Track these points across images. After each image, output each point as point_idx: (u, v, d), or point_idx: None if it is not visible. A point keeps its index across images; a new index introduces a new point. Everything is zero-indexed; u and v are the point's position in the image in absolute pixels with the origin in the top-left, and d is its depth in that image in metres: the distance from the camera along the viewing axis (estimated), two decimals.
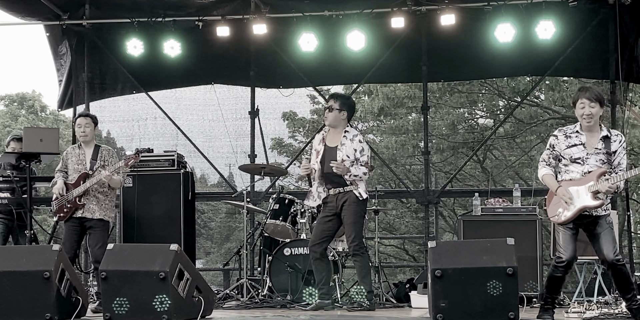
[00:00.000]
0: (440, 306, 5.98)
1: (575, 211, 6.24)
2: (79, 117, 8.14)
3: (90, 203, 7.83)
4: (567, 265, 6.27)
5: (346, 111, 7.73)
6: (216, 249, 23.82)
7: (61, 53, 11.05)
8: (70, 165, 7.98)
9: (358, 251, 7.58)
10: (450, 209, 18.55)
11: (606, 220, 6.29)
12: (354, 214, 7.58)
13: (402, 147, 18.05)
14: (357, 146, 7.63)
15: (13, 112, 28.50)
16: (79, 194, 7.80)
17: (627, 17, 9.74)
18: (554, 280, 6.36)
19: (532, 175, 14.50)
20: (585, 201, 6.22)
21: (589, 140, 6.28)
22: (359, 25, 9.84)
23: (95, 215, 7.84)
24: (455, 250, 6.22)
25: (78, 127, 8.00)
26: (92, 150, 7.99)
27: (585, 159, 6.26)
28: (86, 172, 7.84)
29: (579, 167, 6.27)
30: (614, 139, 6.28)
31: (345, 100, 7.80)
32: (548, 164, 6.43)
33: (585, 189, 6.22)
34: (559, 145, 6.36)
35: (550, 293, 6.40)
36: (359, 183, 7.60)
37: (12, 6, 10.33)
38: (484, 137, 16.21)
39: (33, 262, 6.40)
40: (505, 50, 10.02)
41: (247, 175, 10.53)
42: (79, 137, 8.04)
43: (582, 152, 6.27)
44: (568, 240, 6.27)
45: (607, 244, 6.20)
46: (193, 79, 11.36)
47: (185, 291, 6.41)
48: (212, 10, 10.30)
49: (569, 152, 6.30)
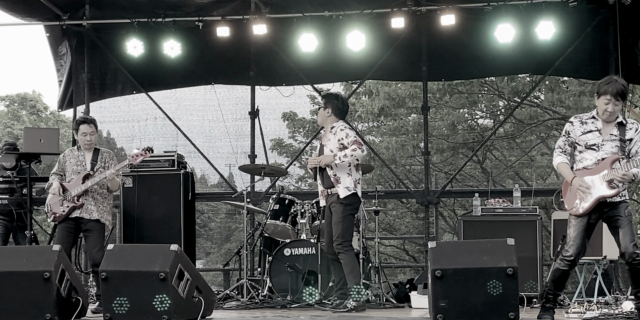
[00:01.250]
0: (441, 306, 5.98)
1: (593, 201, 6.16)
2: (82, 123, 7.94)
3: (89, 203, 7.80)
4: (574, 260, 6.21)
5: (330, 108, 7.70)
6: (216, 249, 23.84)
7: (61, 53, 11.05)
8: (68, 167, 7.92)
9: (341, 249, 7.52)
10: (450, 209, 18.56)
11: (625, 212, 6.18)
12: (337, 214, 7.55)
13: (402, 147, 18.06)
14: (340, 135, 7.58)
15: (14, 113, 28.52)
16: (78, 193, 7.76)
17: (627, 18, 9.73)
18: (558, 275, 6.31)
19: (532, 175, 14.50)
20: (601, 191, 6.14)
21: (605, 127, 6.21)
22: (359, 25, 9.84)
23: (93, 216, 7.79)
24: (456, 251, 6.22)
25: (83, 135, 7.87)
26: (92, 153, 7.96)
27: (601, 145, 6.19)
28: (88, 172, 7.83)
29: (594, 154, 6.20)
30: (630, 127, 6.20)
31: (329, 98, 7.81)
32: (563, 151, 6.34)
33: (599, 178, 6.15)
34: (575, 131, 6.28)
35: (553, 288, 6.35)
36: (341, 180, 7.53)
37: (12, 6, 10.32)
38: (484, 138, 16.23)
39: (33, 262, 6.40)
40: (505, 51, 10.02)
41: (247, 175, 10.53)
42: (83, 145, 7.93)
43: (597, 138, 6.20)
44: (579, 235, 6.21)
45: (626, 237, 6.10)
46: (193, 79, 11.35)
47: (186, 291, 6.41)
48: (212, 10, 10.30)
49: (584, 138, 6.23)
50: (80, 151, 7.97)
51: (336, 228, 7.56)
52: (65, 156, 8.02)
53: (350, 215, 7.61)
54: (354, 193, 7.57)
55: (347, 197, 7.53)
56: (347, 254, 7.55)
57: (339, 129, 7.62)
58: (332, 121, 7.73)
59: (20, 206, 9.18)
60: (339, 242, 7.53)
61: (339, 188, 7.54)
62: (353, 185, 7.56)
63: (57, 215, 7.79)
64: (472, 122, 18.99)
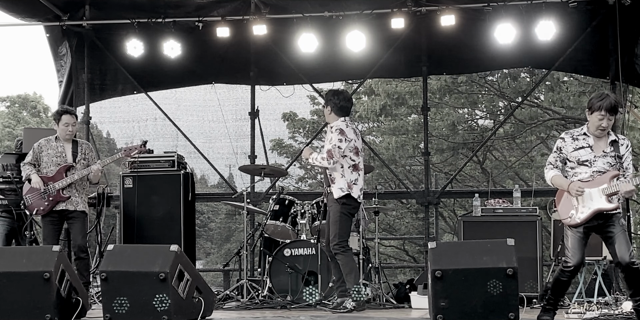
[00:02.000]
0: (441, 307, 5.98)
1: (590, 213, 6.16)
2: (64, 113, 8.01)
3: (73, 195, 7.83)
4: (574, 270, 6.21)
5: (329, 106, 7.67)
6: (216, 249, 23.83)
7: (61, 54, 11.05)
8: (46, 157, 7.91)
9: (338, 250, 7.50)
10: (450, 209, 18.54)
11: (619, 222, 6.21)
12: (333, 213, 7.56)
13: (402, 147, 18.04)
14: (329, 136, 7.60)
15: (15, 114, 28.53)
16: (63, 186, 7.75)
17: (627, 18, 9.73)
18: (559, 284, 6.31)
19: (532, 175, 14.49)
20: (600, 204, 6.13)
21: (596, 143, 6.23)
22: (359, 26, 9.84)
23: (79, 208, 7.89)
24: (456, 251, 6.22)
25: (65, 125, 7.92)
26: (70, 144, 7.96)
27: (593, 162, 6.20)
28: (70, 164, 7.80)
29: (587, 169, 6.21)
30: (622, 143, 6.23)
31: (328, 96, 7.80)
32: (555, 166, 6.35)
33: (598, 191, 6.14)
34: (566, 147, 6.29)
35: (554, 295, 6.37)
36: (336, 181, 7.53)
37: (12, 7, 10.32)
38: (484, 138, 16.21)
39: (33, 263, 6.41)
40: (506, 51, 10.02)
41: (247, 176, 10.53)
42: (64, 135, 7.96)
43: (589, 155, 6.21)
44: (577, 245, 6.19)
45: (622, 247, 6.10)
46: (193, 80, 11.36)
47: (186, 292, 6.41)
48: (212, 10, 10.30)
49: (576, 155, 6.24)
50: (59, 142, 7.94)
51: (332, 228, 7.55)
52: (40, 146, 7.98)
53: (345, 215, 7.55)
54: (347, 194, 7.52)
55: (342, 197, 7.51)
56: (343, 255, 7.52)
57: (334, 130, 7.61)
58: (333, 119, 7.71)
59: (20, 206, 9.17)
60: (335, 243, 7.50)
61: (333, 188, 7.54)
62: (347, 186, 7.52)
63: (41, 208, 7.80)
64: (472, 122, 18.98)
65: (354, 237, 8.47)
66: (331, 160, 7.49)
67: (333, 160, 7.50)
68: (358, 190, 7.60)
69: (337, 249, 7.51)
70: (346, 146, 7.53)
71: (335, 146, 7.49)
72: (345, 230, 7.58)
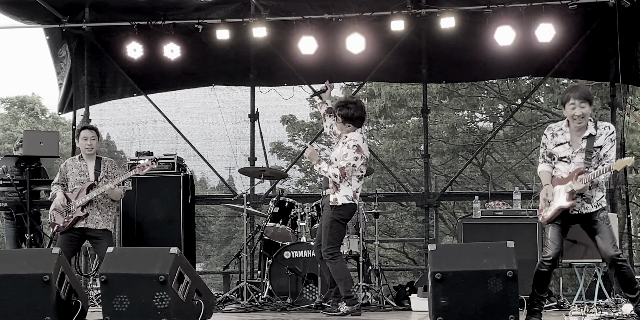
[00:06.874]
0: (441, 309, 5.97)
1: (554, 211, 6.22)
2: (83, 129, 8.00)
3: (94, 213, 7.82)
4: (553, 261, 6.22)
5: (339, 117, 7.48)
6: (216, 252, 23.85)
7: (61, 56, 11.06)
8: (71, 177, 7.93)
9: (327, 257, 7.36)
10: (450, 212, 18.56)
11: (600, 217, 6.19)
12: (326, 218, 7.42)
13: (402, 150, 18.05)
14: (345, 151, 7.36)
15: (13, 115, 28.54)
16: (82, 203, 7.77)
17: (627, 21, 9.73)
18: (539, 276, 6.31)
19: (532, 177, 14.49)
20: (560, 201, 6.19)
21: (574, 138, 6.22)
22: (358, 28, 9.84)
23: (100, 226, 7.83)
24: (456, 253, 6.21)
25: (84, 139, 7.90)
26: (94, 162, 7.96)
27: (572, 157, 6.20)
28: (92, 183, 7.83)
29: (566, 166, 6.23)
30: (600, 133, 6.16)
31: (335, 107, 7.56)
32: (544, 160, 6.40)
33: (564, 188, 6.19)
34: (548, 144, 6.34)
35: (537, 291, 6.34)
36: (341, 188, 7.38)
37: (12, 9, 10.33)
38: (483, 140, 16.22)
39: (33, 265, 6.39)
40: (505, 53, 10.02)
41: (247, 178, 10.53)
42: (83, 150, 7.95)
43: (567, 151, 6.22)
44: (555, 236, 6.25)
45: (605, 240, 6.12)
46: (193, 82, 11.36)
47: (185, 294, 6.40)
48: (212, 12, 10.30)
49: (556, 151, 6.27)
50: (82, 161, 7.96)
51: (324, 233, 7.41)
52: (67, 166, 8.02)
53: (337, 221, 7.37)
54: (344, 204, 7.36)
55: (340, 206, 7.35)
56: (332, 263, 7.35)
57: (351, 145, 7.38)
58: (346, 130, 7.49)
59: (20, 209, 9.17)
60: (324, 249, 7.37)
61: (335, 194, 7.37)
62: (352, 195, 7.41)
63: (61, 225, 7.80)
64: (472, 124, 18.99)
65: (354, 240, 8.47)
66: (343, 178, 7.35)
67: (345, 178, 7.36)
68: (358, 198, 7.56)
69: (326, 255, 7.37)
70: (360, 163, 7.41)
71: (349, 164, 7.32)
72: (336, 237, 7.41)
